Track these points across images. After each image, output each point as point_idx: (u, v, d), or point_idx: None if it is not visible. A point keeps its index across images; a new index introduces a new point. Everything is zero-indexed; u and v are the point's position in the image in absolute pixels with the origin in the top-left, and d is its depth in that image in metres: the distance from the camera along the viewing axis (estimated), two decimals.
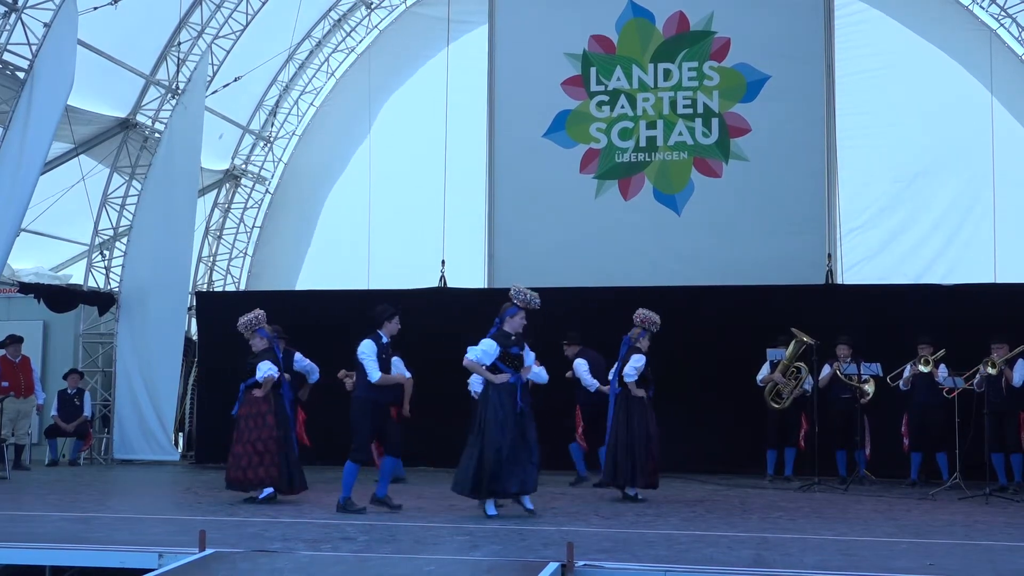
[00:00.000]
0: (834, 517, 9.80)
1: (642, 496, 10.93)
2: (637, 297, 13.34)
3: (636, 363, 10.86)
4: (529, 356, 9.85)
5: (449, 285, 15.66)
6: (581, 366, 12.59)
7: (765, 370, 13.25)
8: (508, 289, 10.03)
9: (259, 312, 10.82)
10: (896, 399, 12.78)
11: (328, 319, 14.18)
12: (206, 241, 18.80)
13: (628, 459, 10.79)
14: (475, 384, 11.49)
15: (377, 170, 17.87)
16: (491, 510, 9.55)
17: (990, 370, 11.63)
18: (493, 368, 9.63)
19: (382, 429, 10.01)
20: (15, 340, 14.27)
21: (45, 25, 12.91)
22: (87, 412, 15.21)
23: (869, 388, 12.73)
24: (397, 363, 10.92)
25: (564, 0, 16.07)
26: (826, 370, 12.88)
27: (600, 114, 15.89)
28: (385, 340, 9.94)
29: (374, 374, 9.72)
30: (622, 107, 15.85)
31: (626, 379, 10.90)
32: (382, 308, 10.07)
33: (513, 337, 9.71)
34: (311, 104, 19.03)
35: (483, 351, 9.64)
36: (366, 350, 9.79)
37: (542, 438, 9.85)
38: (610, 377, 11.38)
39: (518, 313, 9.76)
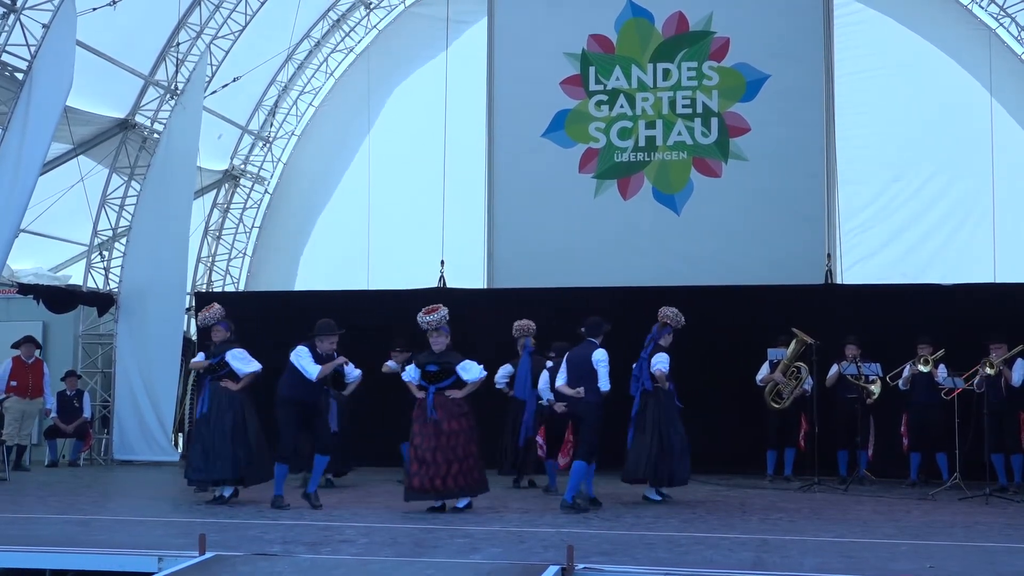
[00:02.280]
0: (834, 518, 9.80)
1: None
2: (637, 297, 13.38)
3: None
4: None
5: (448, 285, 15.63)
6: None
7: (765, 370, 13.23)
8: (508, 289, 10.06)
9: None
10: (896, 399, 12.76)
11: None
12: (205, 241, 18.79)
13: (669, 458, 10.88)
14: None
15: (376, 170, 17.87)
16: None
17: (988, 371, 11.62)
18: None
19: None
20: (28, 341, 14.28)
21: (44, 26, 12.88)
22: (87, 413, 15.21)
23: (875, 388, 12.72)
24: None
25: (563, 0, 16.06)
26: (833, 369, 12.88)
27: (599, 114, 15.86)
28: None
29: (607, 384, 10.13)
30: (621, 107, 15.82)
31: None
32: (601, 320, 10.42)
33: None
34: (310, 104, 19.02)
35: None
36: (605, 359, 10.19)
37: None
38: (635, 373, 11.25)
39: None
